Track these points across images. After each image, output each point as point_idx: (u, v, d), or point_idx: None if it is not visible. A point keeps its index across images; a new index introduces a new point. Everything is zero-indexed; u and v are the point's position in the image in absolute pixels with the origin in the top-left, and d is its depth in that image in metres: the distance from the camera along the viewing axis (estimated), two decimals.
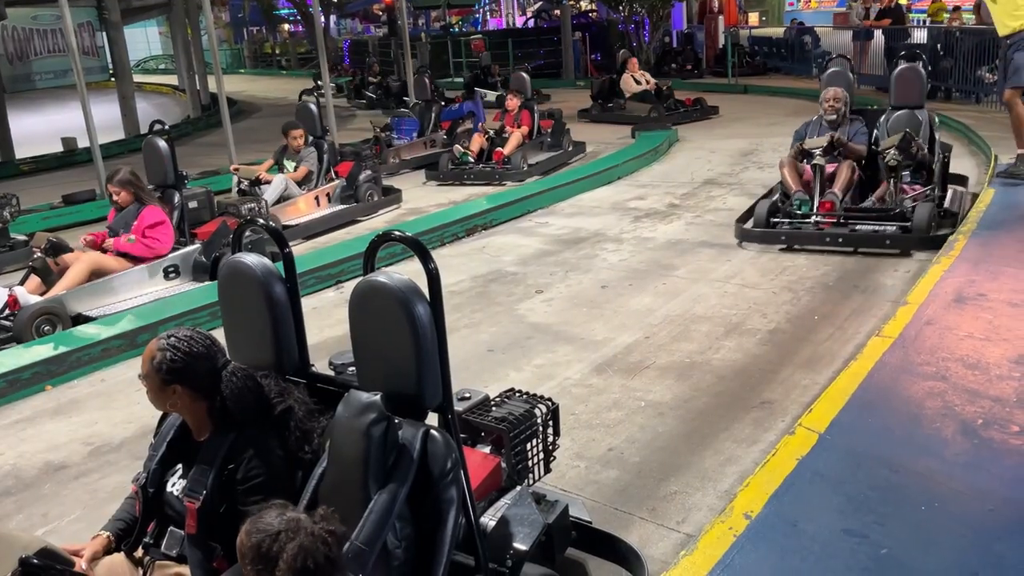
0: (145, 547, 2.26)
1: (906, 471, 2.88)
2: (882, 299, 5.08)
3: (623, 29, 19.96)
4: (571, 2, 22.90)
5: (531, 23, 28.47)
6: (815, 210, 6.20)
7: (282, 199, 7.62)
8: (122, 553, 2.26)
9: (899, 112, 6.77)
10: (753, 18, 30.92)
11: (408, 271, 2.06)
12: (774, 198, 6.61)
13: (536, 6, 31.02)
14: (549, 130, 10.30)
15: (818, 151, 6.31)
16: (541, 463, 2.72)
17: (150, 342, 2.21)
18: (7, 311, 5.09)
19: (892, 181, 6.11)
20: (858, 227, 6.09)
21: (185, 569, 2.17)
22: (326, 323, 5.15)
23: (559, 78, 20.16)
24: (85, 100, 8.84)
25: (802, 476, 2.85)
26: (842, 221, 6.14)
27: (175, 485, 2.25)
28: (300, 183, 7.86)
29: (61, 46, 15.95)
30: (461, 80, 16.39)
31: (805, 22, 20.68)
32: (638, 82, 13.64)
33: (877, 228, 6.03)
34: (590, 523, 2.75)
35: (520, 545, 2.31)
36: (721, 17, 20.49)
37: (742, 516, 2.63)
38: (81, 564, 2.19)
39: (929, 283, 4.62)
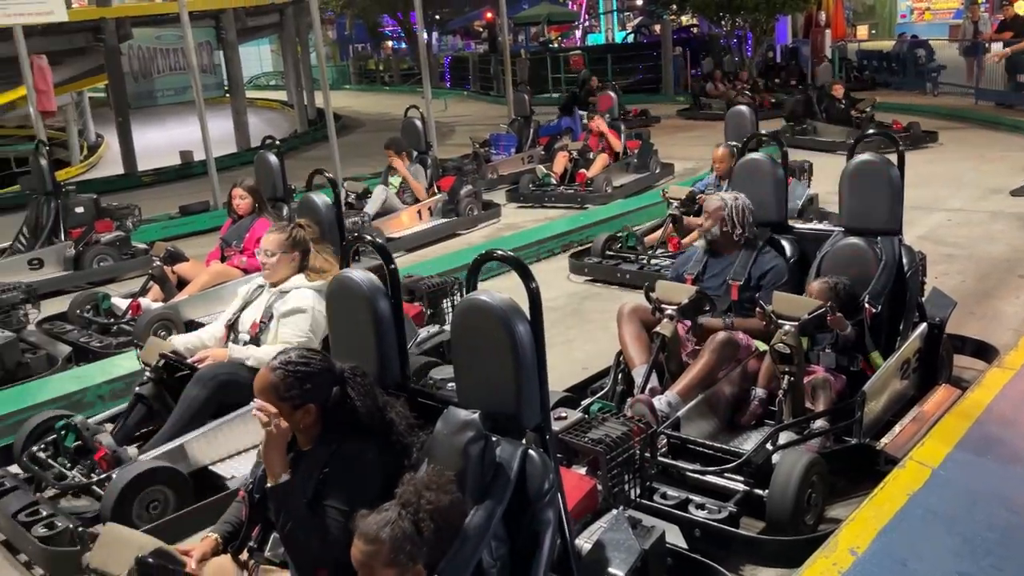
0: (250, 550, 2.35)
1: None
2: (1002, 327, 4.81)
3: (724, 44, 19.64)
4: (671, 17, 22.70)
5: (630, 39, 28.43)
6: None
7: (384, 212, 7.80)
8: (228, 555, 2.35)
9: (848, 241, 3.86)
10: (862, 31, 29.91)
11: (503, 286, 2.07)
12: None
13: (636, 22, 30.90)
14: (636, 151, 9.90)
15: (671, 309, 3.52)
16: (637, 487, 2.69)
17: (256, 380, 2.22)
18: (129, 316, 5.39)
19: (787, 380, 3.29)
20: (692, 474, 3.07)
21: (287, 573, 2.24)
22: None
23: (658, 92, 20.05)
24: (203, 115, 9.29)
25: (913, 512, 2.72)
26: (654, 464, 2.92)
27: None
28: (414, 199, 8.04)
29: (181, 64, 16.77)
30: (559, 95, 16.13)
31: (918, 35, 19.85)
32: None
33: (728, 487, 3.02)
34: (687, 550, 2.70)
35: (615, 570, 2.29)
36: (828, 31, 19.90)
37: (847, 551, 2.53)
38: (191, 564, 2.30)
39: None
